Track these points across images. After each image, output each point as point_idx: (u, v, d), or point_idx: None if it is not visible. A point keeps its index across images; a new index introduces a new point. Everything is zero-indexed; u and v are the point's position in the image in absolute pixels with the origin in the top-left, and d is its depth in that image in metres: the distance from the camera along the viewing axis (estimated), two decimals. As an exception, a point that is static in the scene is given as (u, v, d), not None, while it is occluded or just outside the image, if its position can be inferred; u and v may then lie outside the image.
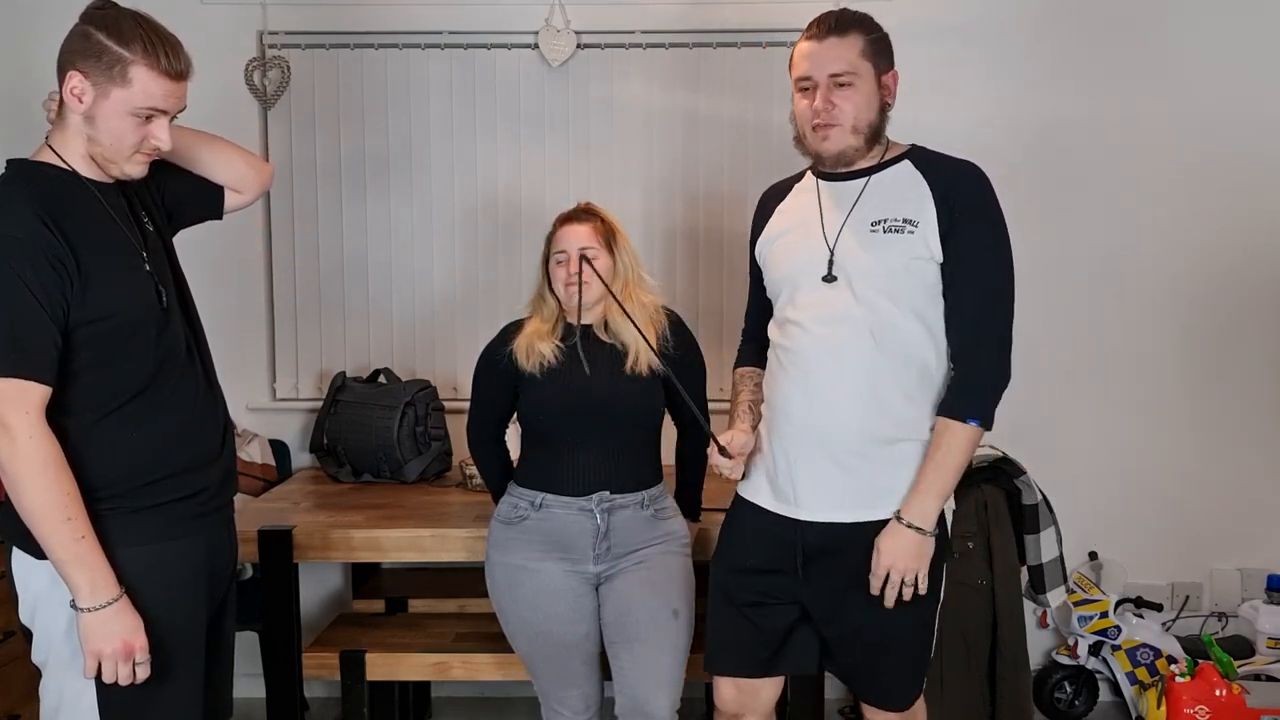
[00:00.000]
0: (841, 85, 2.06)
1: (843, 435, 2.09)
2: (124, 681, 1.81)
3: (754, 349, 2.37)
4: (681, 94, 3.47)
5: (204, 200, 2.14)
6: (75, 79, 1.80)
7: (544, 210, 3.40)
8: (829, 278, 2.10)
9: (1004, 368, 2.09)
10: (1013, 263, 2.09)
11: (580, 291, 2.40)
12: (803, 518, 2.13)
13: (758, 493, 2.22)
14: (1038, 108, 3.44)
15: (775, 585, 2.17)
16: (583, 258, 2.41)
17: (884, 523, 2.08)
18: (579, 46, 3.44)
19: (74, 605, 1.78)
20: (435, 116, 3.50)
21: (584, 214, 2.49)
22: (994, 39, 3.43)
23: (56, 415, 1.77)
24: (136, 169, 1.88)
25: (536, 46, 3.44)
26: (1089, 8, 3.42)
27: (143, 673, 1.82)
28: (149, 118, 1.83)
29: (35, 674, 2.95)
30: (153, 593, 1.85)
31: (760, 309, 2.34)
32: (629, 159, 3.50)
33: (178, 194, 2.09)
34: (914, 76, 3.37)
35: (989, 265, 2.07)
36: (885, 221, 2.08)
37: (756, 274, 2.33)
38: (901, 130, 2.20)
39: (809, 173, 2.24)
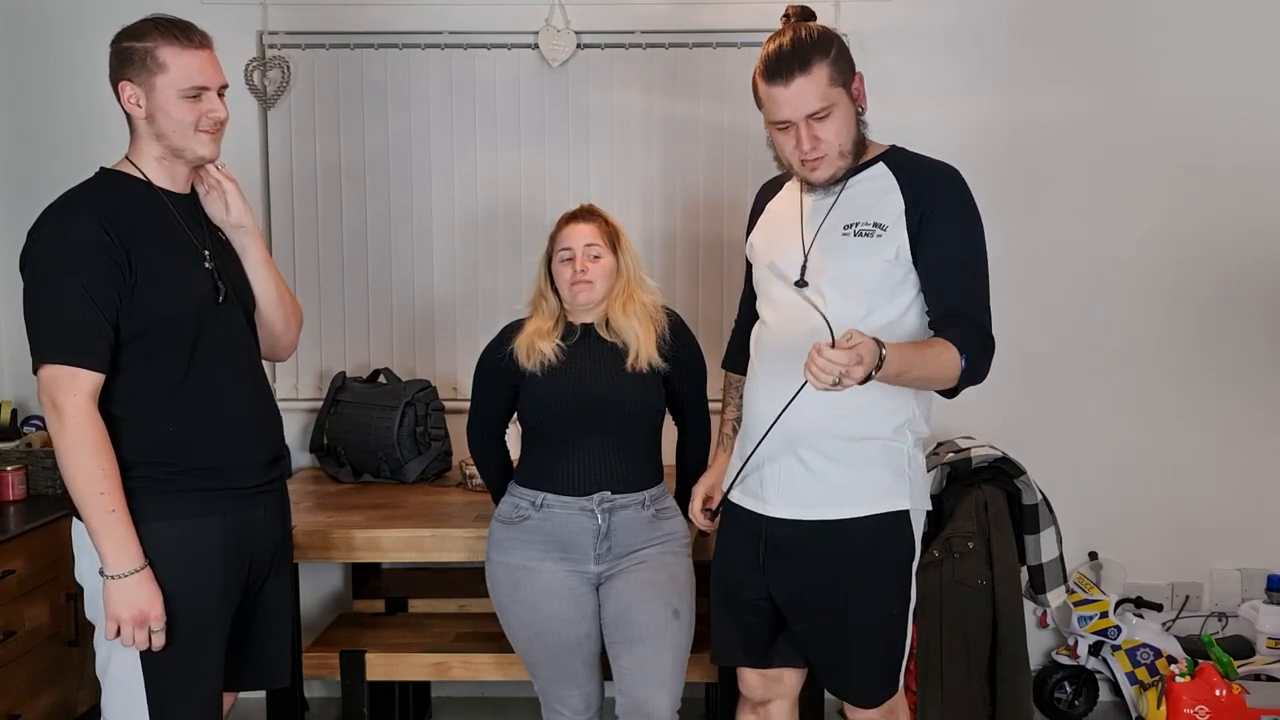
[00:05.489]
0: (821, 119, 2.04)
1: (807, 435, 2.11)
2: (140, 647, 1.96)
3: (743, 351, 2.38)
4: (682, 94, 3.47)
5: None
6: (127, 89, 2.00)
7: (544, 210, 3.41)
8: (800, 282, 2.12)
9: (990, 337, 2.07)
10: (987, 255, 2.10)
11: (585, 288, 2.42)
12: (768, 513, 2.16)
13: (733, 489, 2.25)
14: (1031, 108, 3.44)
15: (751, 580, 2.21)
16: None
17: (846, 521, 2.11)
18: (579, 47, 3.44)
19: (101, 572, 1.94)
20: (435, 117, 3.50)
21: (588, 214, 2.50)
22: (986, 40, 3.43)
23: (104, 403, 1.95)
24: (205, 148, 2.05)
25: (536, 46, 3.44)
26: (1082, 9, 3.42)
27: (158, 640, 1.96)
28: (198, 96, 2.01)
29: (35, 674, 2.97)
30: (174, 565, 1.99)
31: (751, 306, 2.35)
32: (629, 159, 3.50)
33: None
34: (909, 78, 3.41)
35: (964, 254, 2.08)
36: (856, 225, 2.09)
37: (750, 269, 2.35)
38: (893, 132, 2.20)
39: None
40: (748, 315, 2.39)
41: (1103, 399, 3.52)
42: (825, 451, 2.11)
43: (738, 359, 2.42)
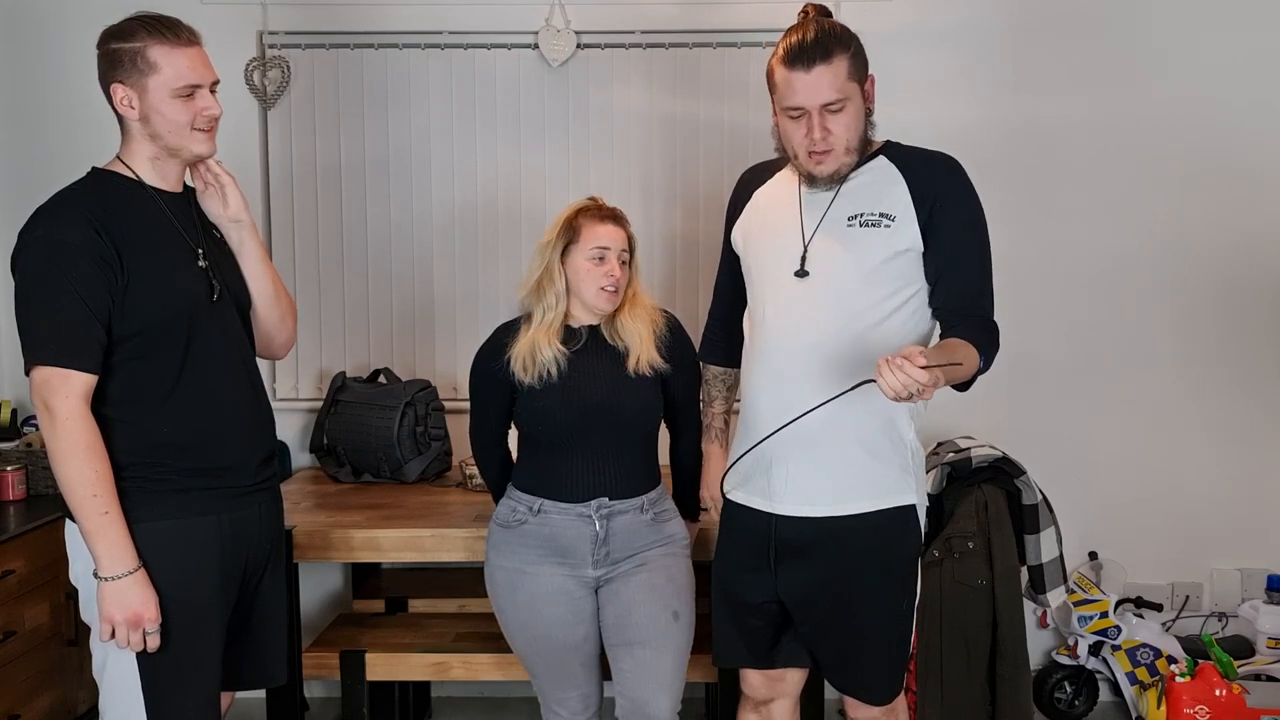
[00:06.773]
0: (834, 111, 2.05)
1: (815, 431, 2.10)
2: (135, 648, 1.95)
3: (722, 341, 2.41)
4: (682, 94, 3.47)
5: None
6: (119, 91, 1.98)
7: (544, 210, 3.41)
8: (801, 273, 2.12)
9: (997, 327, 2.10)
10: (990, 244, 2.13)
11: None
12: (776, 512, 2.16)
13: (735, 489, 2.25)
14: (1033, 108, 3.44)
15: (758, 581, 2.21)
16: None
17: (856, 517, 2.11)
18: (579, 46, 3.44)
19: (95, 574, 1.94)
20: (435, 117, 3.50)
21: (618, 216, 2.42)
22: (987, 40, 3.44)
23: (98, 404, 1.93)
24: (202, 146, 2.04)
25: (536, 46, 3.44)
26: (1084, 9, 3.42)
27: (152, 642, 1.96)
28: (191, 94, 1.99)
29: (35, 674, 2.97)
30: (170, 565, 1.99)
31: (730, 295, 2.35)
32: (629, 159, 3.50)
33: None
34: (910, 77, 3.41)
35: (973, 247, 2.11)
36: (862, 216, 2.10)
37: (730, 258, 2.33)
38: (894, 131, 2.20)
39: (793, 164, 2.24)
40: (726, 304, 2.39)
41: (1103, 399, 3.52)
42: (833, 448, 2.11)
43: (717, 351, 2.44)
